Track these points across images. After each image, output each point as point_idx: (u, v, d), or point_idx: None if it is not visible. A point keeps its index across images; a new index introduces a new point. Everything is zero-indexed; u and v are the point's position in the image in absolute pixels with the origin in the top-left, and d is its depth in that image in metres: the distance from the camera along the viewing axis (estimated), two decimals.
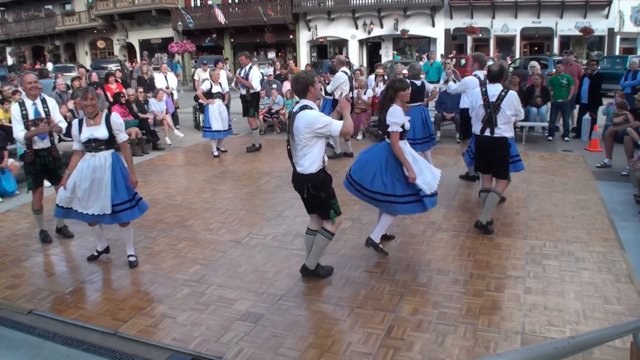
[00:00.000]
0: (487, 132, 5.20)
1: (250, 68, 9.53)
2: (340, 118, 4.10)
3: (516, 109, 5.18)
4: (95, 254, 5.06)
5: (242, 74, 9.51)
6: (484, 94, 5.20)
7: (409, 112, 7.20)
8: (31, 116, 5.28)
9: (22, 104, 5.30)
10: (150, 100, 11.03)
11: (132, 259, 4.91)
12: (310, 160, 4.08)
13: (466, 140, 7.23)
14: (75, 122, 4.75)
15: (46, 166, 5.47)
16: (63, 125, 5.44)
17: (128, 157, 4.83)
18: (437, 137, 10.40)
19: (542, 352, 1.95)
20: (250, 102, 9.69)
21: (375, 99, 10.98)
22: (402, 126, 4.65)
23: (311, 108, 4.06)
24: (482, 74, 7.00)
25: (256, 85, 9.55)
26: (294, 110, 4.12)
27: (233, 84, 10.18)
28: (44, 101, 5.42)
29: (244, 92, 9.61)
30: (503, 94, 5.14)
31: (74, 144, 4.77)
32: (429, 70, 13.85)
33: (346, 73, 8.97)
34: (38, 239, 5.63)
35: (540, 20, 25.64)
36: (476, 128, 5.33)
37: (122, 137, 4.78)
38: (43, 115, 5.34)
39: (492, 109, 5.14)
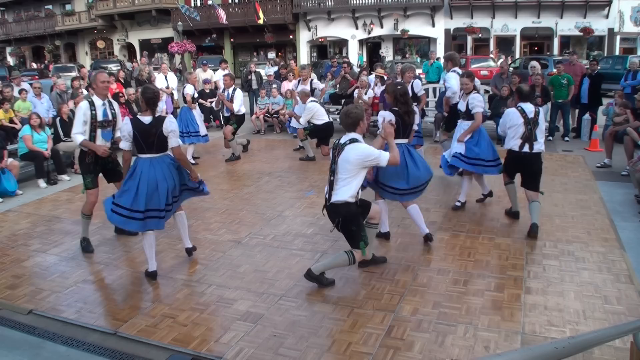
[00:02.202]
0: (526, 148, 5.38)
1: (234, 90, 9.09)
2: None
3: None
4: None
5: (225, 96, 9.06)
6: (522, 112, 5.37)
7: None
8: (100, 117, 5.01)
9: (92, 103, 4.98)
10: None
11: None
12: (346, 189, 4.21)
13: (448, 132, 7.36)
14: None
15: (105, 166, 5.24)
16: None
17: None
18: (438, 137, 10.41)
19: (542, 352, 1.96)
20: (236, 123, 9.25)
21: (375, 99, 10.98)
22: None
23: (360, 141, 4.23)
24: (458, 70, 7.29)
25: (237, 107, 9.05)
26: (341, 141, 4.25)
27: (214, 104, 9.77)
28: (110, 103, 5.18)
29: (227, 114, 9.16)
30: (537, 110, 5.43)
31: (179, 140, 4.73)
32: (429, 71, 13.83)
33: (316, 102, 8.50)
34: (38, 239, 5.63)
35: (540, 20, 25.65)
36: (514, 145, 5.45)
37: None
38: (110, 117, 5.10)
39: (532, 125, 5.34)
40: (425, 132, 9.41)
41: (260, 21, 28.43)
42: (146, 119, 4.51)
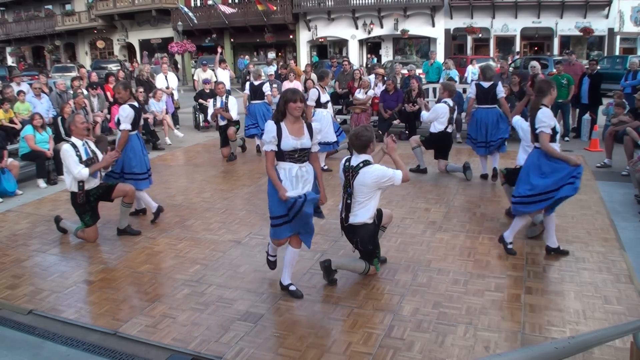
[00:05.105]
0: None
1: (228, 97, 9.13)
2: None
3: None
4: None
5: (219, 105, 9.09)
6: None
7: (477, 113, 7.31)
8: (84, 157, 5.32)
9: (73, 145, 5.29)
10: (150, 101, 11.04)
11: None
12: (364, 211, 4.26)
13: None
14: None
15: (97, 195, 5.50)
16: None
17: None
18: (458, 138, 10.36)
19: (542, 352, 1.96)
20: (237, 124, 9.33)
21: (375, 99, 10.98)
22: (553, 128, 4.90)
23: (372, 162, 4.25)
24: (450, 101, 7.44)
25: (235, 115, 9.12)
26: (353, 164, 4.26)
27: (210, 117, 9.55)
28: (87, 143, 5.49)
29: (223, 123, 9.10)
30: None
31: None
32: (429, 71, 13.84)
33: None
34: (38, 239, 5.63)
35: (540, 20, 25.66)
36: None
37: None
38: (92, 155, 5.42)
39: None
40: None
41: (260, 7, 28.25)
42: (135, 104, 5.89)
